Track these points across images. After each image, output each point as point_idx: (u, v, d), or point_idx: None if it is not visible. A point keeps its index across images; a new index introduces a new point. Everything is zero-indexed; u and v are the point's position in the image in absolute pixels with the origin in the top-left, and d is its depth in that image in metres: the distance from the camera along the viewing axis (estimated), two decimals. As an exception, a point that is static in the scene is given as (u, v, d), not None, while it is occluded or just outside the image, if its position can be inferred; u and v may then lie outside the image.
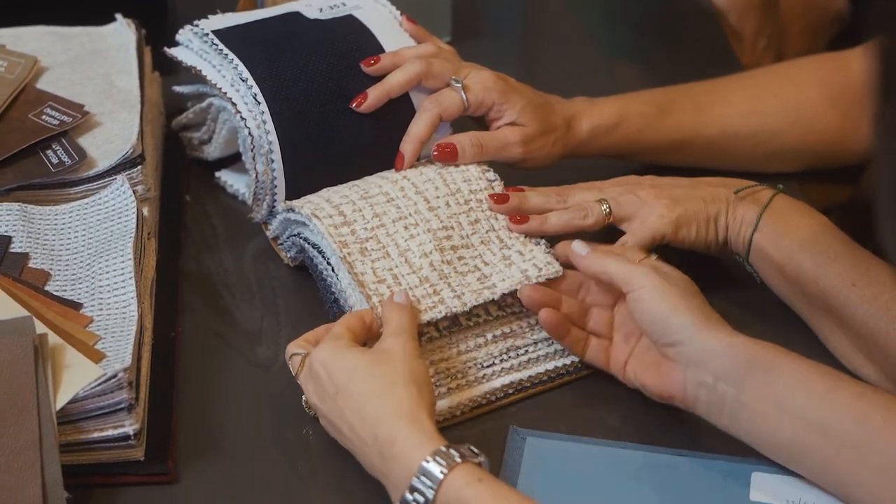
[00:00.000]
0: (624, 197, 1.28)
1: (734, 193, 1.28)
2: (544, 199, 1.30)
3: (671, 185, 1.30)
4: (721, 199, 1.28)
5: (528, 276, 1.23)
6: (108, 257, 1.22)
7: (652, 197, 1.28)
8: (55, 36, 1.44)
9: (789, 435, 1.09)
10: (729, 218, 1.27)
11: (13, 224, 1.25)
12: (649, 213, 1.26)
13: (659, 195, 1.28)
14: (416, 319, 1.18)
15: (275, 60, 1.32)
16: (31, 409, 1.09)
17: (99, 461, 1.12)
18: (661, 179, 1.32)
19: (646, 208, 1.27)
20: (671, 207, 1.27)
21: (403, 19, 1.39)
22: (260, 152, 1.31)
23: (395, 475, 1.06)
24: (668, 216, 1.26)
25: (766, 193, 1.28)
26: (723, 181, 1.31)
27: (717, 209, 1.27)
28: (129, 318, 1.17)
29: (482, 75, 1.34)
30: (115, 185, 1.28)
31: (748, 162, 1.43)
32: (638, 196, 1.28)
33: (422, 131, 1.32)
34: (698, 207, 1.27)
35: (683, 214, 1.27)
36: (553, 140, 1.35)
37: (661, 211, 1.26)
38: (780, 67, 1.52)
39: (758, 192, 1.28)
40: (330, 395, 1.12)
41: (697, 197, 1.28)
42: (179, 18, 1.55)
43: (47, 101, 1.35)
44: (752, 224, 1.26)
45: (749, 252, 1.26)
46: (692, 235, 1.27)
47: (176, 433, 1.17)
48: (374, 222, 1.25)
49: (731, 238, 1.28)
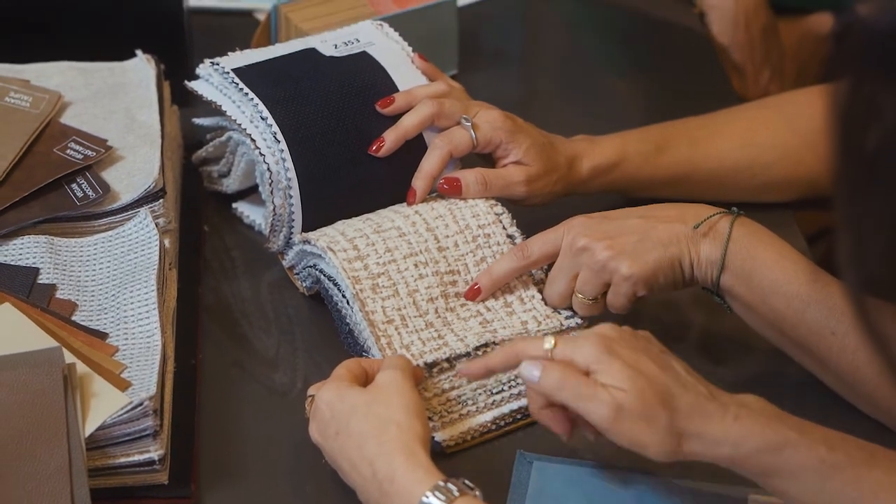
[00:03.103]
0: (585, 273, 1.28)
1: (693, 229, 1.27)
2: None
3: (620, 231, 1.28)
4: (680, 238, 1.27)
5: (528, 328, 1.29)
6: (132, 288, 1.27)
7: (608, 258, 1.26)
8: (77, 71, 1.49)
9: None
10: (693, 258, 1.26)
11: (41, 256, 1.30)
12: (616, 281, 1.27)
13: (615, 254, 1.26)
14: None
15: (293, 99, 1.37)
16: (61, 436, 1.13)
17: (124, 485, 1.17)
18: (609, 221, 1.29)
19: (606, 275, 1.27)
20: (631, 265, 1.26)
21: (415, 57, 1.44)
22: (278, 186, 1.36)
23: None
24: (635, 275, 1.26)
25: (724, 223, 1.26)
26: (679, 213, 1.29)
27: (678, 251, 1.27)
28: (153, 348, 1.22)
29: (491, 114, 1.39)
30: (139, 219, 1.32)
31: (743, 193, 1.47)
32: (591, 261, 1.27)
33: (433, 167, 1.37)
34: (659, 255, 1.26)
35: (647, 269, 1.26)
36: (556, 179, 1.40)
37: (625, 273, 1.26)
38: (773, 101, 1.56)
39: (716, 222, 1.27)
40: (332, 434, 1.16)
41: (655, 242, 1.27)
42: (196, 50, 1.60)
43: (71, 135, 1.40)
44: (716, 265, 1.26)
45: (718, 289, 1.27)
46: (660, 284, 1.27)
47: (197, 458, 1.22)
48: (385, 257, 1.30)
49: (699, 277, 1.27)
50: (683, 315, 1.39)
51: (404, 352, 1.25)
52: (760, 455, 1.09)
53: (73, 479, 1.12)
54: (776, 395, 1.29)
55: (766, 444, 1.08)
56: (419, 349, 1.26)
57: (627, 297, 1.27)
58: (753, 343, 1.32)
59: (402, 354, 1.24)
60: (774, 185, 1.49)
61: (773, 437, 1.09)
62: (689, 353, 1.35)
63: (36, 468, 1.12)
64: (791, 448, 1.08)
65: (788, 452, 1.08)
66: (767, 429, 1.09)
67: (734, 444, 1.09)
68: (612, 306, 1.29)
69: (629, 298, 1.27)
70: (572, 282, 1.30)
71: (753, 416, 1.10)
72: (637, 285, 1.26)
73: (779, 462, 1.08)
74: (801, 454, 1.08)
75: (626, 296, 1.27)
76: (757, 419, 1.10)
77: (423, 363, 1.24)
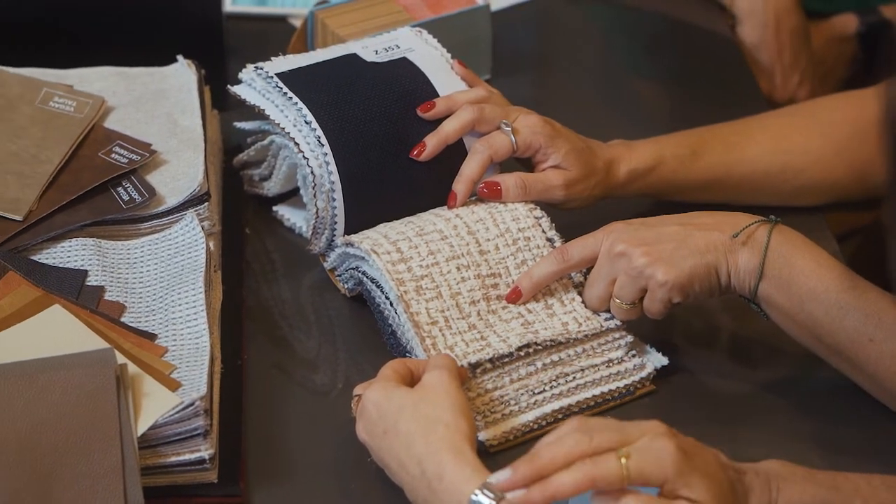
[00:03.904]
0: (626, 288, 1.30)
1: (731, 238, 1.28)
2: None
3: (658, 239, 1.29)
4: (717, 246, 1.28)
5: (569, 329, 1.31)
6: (180, 290, 1.29)
7: (645, 265, 1.28)
8: (119, 76, 1.51)
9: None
10: (730, 266, 1.28)
11: (89, 258, 1.32)
12: (652, 287, 1.28)
13: (652, 261, 1.27)
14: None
15: (336, 104, 1.39)
16: (115, 436, 1.15)
17: (174, 483, 1.19)
18: (648, 228, 1.30)
19: (642, 281, 1.28)
20: (667, 272, 1.27)
21: (455, 63, 1.47)
22: (321, 190, 1.38)
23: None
24: (671, 282, 1.27)
25: (762, 231, 1.28)
26: (716, 222, 1.30)
27: (714, 259, 1.27)
28: (201, 349, 1.24)
29: (530, 119, 1.41)
30: (185, 221, 1.34)
31: (776, 198, 1.50)
32: (628, 266, 1.29)
33: (474, 172, 1.39)
34: (695, 262, 1.27)
35: (683, 277, 1.27)
36: (594, 183, 1.42)
37: (660, 279, 1.27)
38: (806, 106, 1.59)
39: (754, 231, 1.28)
40: (379, 433, 1.18)
41: (691, 250, 1.28)
42: (231, 56, 1.62)
43: (116, 139, 1.42)
44: (755, 273, 1.27)
45: (755, 297, 1.29)
46: (696, 291, 1.28)
47: (245, 456, 1.24)
48: (428, 259, 1.32)
49: (736, 285, 1.29)
50: (714, 319, 1.41)
51: (448, 352, 1.27)
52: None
53: (126, 478, 1.14)
54: (808, 399, 1.32)
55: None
56: (462, 350, 1.28)
57: (663, 303, 1.29)
58: (785, 346, 1.34)
59: (446, 354, 1.26)
60: (806, 189, 1.51)
61: (811, 502, 1.11)
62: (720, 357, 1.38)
63: (90, 467, 1.14)
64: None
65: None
66: (805, 494, 1.11)
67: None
68: (649, 312, 1.30)
69: (665, 304, 1.29)
70: (610, 286, 1.31)
71: (789, 483, 1.12)
72: (672, 292, 1.28)
73: None
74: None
75: (662, 302, 1.29)
76: (794, 486, 1.12)
77: (466, 364, 1.26)
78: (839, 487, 1.12)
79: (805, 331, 1.28)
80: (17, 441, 1.14)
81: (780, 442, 1.28)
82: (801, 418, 1.30)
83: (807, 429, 1.29)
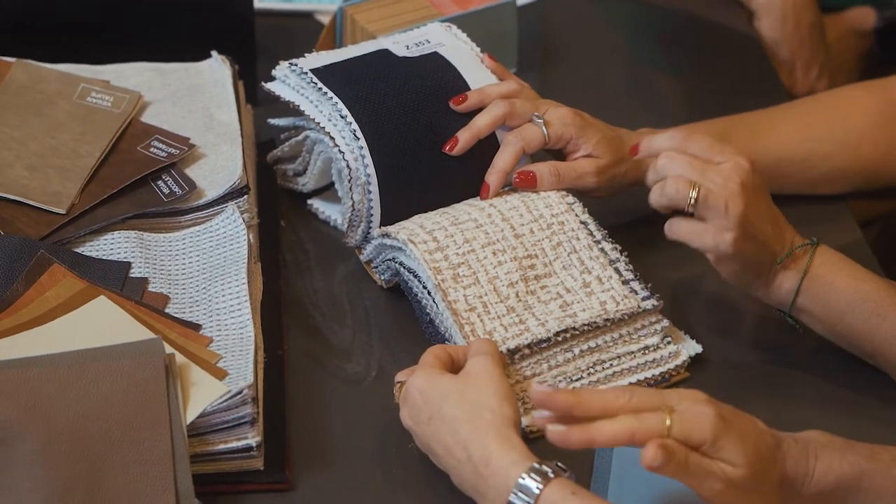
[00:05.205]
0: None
1: (777, 264, 1.30)
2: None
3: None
4: (764, 261, 1.31)
5: (607, 308, 1.33)
6: (223, 281, 1.31)
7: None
8: (154, 72, 1.53)
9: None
10: (769, 279, 1.31)
11: (131, 251, 1.34)
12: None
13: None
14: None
15: (370, 98, 1.42)
16: (164, 424, 1.17)
17: (221, 471, 1.21)
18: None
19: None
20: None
21: (485, 57, 1.49)
22: (357, 183, 1.40)
23: (492, 493, 1.13)
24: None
25: (803, 256, 1.31)
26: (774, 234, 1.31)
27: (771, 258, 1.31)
28: (246, 338, 1.26)
29: (561, 111, 1.43)
30: (227, 214, 1.37)
31: (800, 185, 1.53)
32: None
33: (507, 163, 1.41)
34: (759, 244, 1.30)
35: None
36: (624, 171, 1.44)
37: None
38: (828, 95, 1.62)
39: (798, 255, 1.31)
40: (424, 419, 1.20)
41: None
42: (261, 53, 1.65)
43: (154, 134, 1.44)
44: (792, 292, 1.31)
45: (791, 310, 1.32)
46: (747, 259, 1.29)
47: (290, 444, 1.26)
48: (464, 247, 1.35)
49: (774, 299, 1.33)
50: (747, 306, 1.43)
51: (487, 338, 1.29)
52: (840, 488, 1.14)
53: (176, 466, 1.16)
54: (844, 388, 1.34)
55: (845, 476, 1.14)
56: (501, 335, 1.30)
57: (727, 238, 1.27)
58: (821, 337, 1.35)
59: (487, 338, 1.28)
60: (830, 176, 1.53)
61: (849, 469, 1.14)
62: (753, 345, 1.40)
63: (140, 455, 1.16)
64: (867, 477, 1.14)
65: (865, 481, 1.14)
66: (844, 462, 1.14)
67: (818, 480, 1.14)
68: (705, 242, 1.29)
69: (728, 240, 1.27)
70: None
71: (827, 451, 1.15)
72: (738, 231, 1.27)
73: (858, 491, 1.14)
74: (877, 480, 1.14)
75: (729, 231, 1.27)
76: (832, 454, 1.15)
77: (505, 350, 1.29)
78: (876, 457, 1.15)
79: (843, 340, 1.32)
80: (70, 430, 1.16)
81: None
82: (836, 408, 1.33)
83: (843, 418, 1.31)
